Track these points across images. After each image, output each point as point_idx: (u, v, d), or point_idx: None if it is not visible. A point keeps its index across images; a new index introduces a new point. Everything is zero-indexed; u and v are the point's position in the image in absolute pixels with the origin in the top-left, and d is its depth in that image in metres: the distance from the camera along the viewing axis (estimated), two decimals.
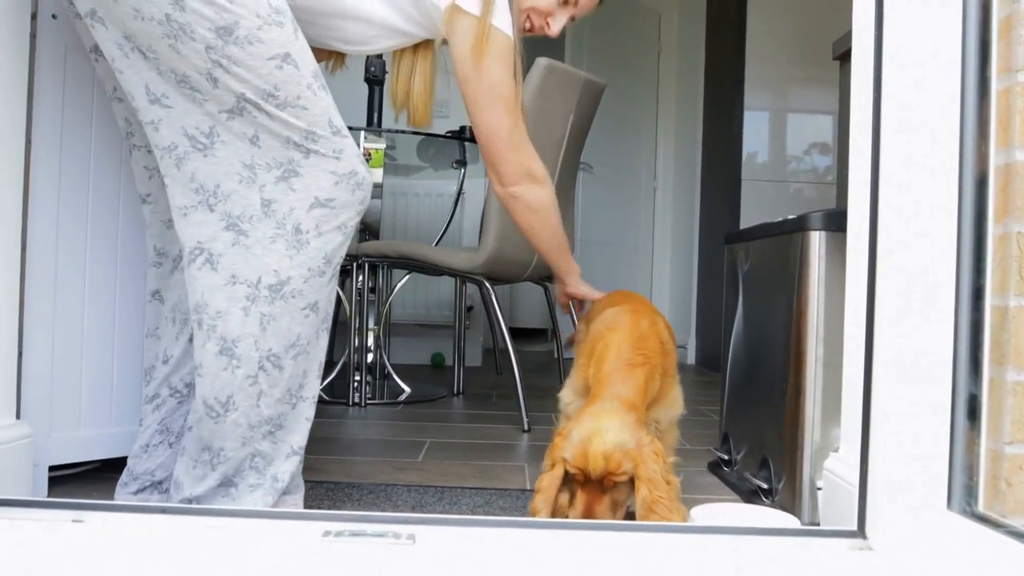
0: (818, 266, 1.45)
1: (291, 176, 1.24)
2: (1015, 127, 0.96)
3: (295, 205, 1.24)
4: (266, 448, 1.27)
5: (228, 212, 1.23)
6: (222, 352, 1.23)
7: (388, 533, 1.05)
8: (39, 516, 1.10)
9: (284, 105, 1.22)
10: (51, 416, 1.50)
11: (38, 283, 1.47)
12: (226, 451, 1.25)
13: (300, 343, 1.27)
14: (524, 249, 2.55)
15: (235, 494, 1.26)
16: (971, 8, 0.99)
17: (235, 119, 1.22)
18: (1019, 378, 0.96)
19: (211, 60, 1.18)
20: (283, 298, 1.24)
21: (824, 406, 1.43)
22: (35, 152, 1.45)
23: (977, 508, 0.97)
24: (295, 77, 1.22)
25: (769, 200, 3.98)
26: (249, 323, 1.23)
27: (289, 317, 1.25)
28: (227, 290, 1.23)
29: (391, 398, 2.94)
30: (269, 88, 1.20)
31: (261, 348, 1.24)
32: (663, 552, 1.05)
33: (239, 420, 1.24)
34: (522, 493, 1.64)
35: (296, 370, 1.28)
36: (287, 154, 1.24)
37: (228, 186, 1.23)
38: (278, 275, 1.23)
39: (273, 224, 1.23)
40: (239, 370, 1.23)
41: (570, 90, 2.51)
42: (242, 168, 1.23)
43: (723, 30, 4.33)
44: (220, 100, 1.21)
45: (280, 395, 1.27)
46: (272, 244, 1.23)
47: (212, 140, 1.22)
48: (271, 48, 1.20)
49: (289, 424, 1.29)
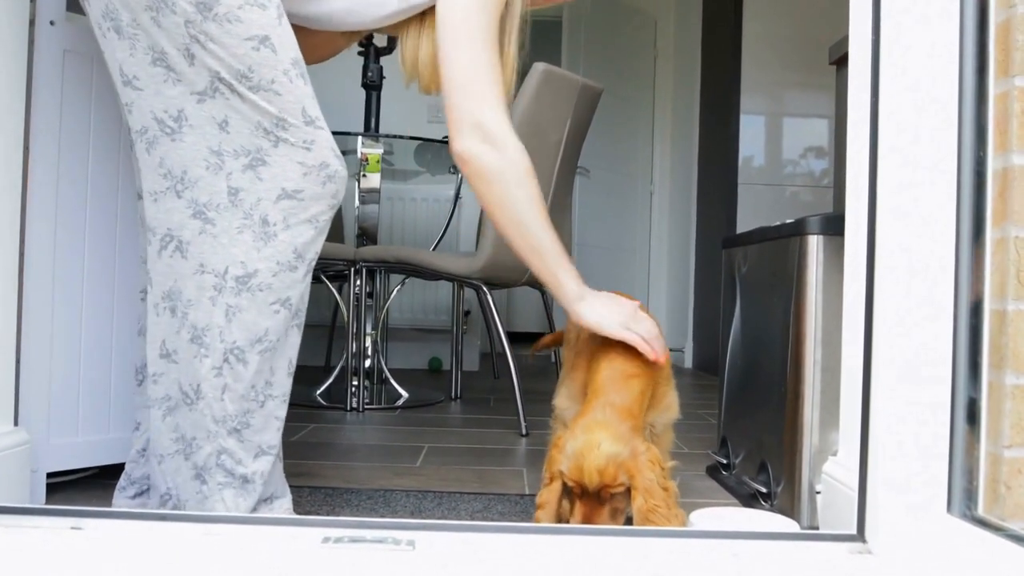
0: (816, 270, 1.45)
1: (258, 165, 1.22)
2: (1012, 131, 0.96)
3: (262, 195, 1.22)
4: (232, 446, 1.24)
5: (195, 199, 1.21)
6: (192, 340, 1.21)
7: (388, 539, 1.04)
8: (37, 523, 1.09)
9: (257, 88, 1.20)
10: (49, 422, 1.50)
11: (36, 290, 1.47)
12: (197, 440, 1.23)
13: (268, 338, 1.24)
14: None
15: (206, 491, 1.24)
16: (968, 13, 1.00)
17: (206, 101, 1.20)
18: (1018, 382, 0.97)
19: (189, 35, 1.17)
20: (250, 291, 1.22)
21: (823, 410, 1.43)
22: (33, 159, 1.45)
23: (977, 512, 0.97)
24: (271, 61, 1.21)
25: (765, 204, 4.00)
26: (216, 313, 1.21)
27: (256, 311, 1.22)
28: (196, 279, 1.21)
29: (389, 403, 2.93)
30: (243, 69, 1.19)
31: (226, 340, 1.21)
32: (662, 556, 1.04)
33: (204, 411, 1.22)
34: (521, 498, 1.64)
35: (262, 366, 1.24)
36: (255, 142, 1.22)
37: (195, 172, 1.21)
38: (245, 267, 1.21)
39: (240, 214, 1.21)
40: (207, 359, 1.21)
41: (567, 95, 2.51)
42: (209, 154, 1.21)
43: (719, 34, 4.35)
44: (193, 81, 1.20)
45: (244, 391, 1.23)
46: (239, 234, 1.21)
47: (180, 124, 1.21)
48: (249, 28, 1.19)
49: (256, 423, 1.26)
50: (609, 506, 1.23)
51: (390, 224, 4.11)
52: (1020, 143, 0.96)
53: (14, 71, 1.38)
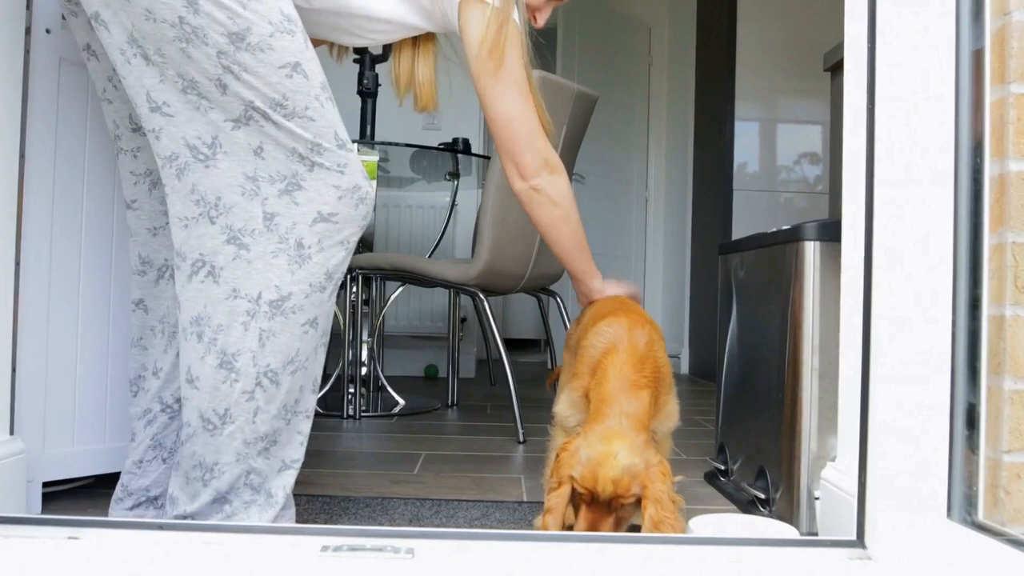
0: (813, 276, 1.46)
1: (295, 190, 1.23)
2: (1009, 138, 0.97)
3: (298, 219, 1.23)
4: (260, 465, 1.26)
5: (229, 225, 1.21)
6: (221, 365, 1.21)
7: (387, 547, 1.04)
8: (34, 533, 1.09)
9: (292, 115, 1.20)
10: (45, 432, 1.49)
11: (32, 299, 1.46)
12: (220, 465, 1.23)
13: (299, 359, 1.25)
14: (518, 261, 2.55)
15: (229, 511, 1.25)
16: (963, 20, 1.00)
17: (240, 129, 1.20)
18: (1016, 387, 0.97)
19: (222, 66, 1.17)
20: (283, 314, 1.23)
21: (820, 415, 1.44)
22: (29, 168, 1.45)
23: (977, 517, 0.97)
24: (304, 87, 1.21)
25: (760, 210, 4.00)
26: (248, 338, 1.21)
27: (289, 333, 1.23)
28: (228, 304, 1.21)
29: (385, 410, 2.93)
30: (278, 97, 1.19)
31: (259, 364, 1.22)
32: (663, 564, 1.04)
33: (235, 434, 1.22)
34: (519, 505, 1.63)
35: (293, 386, 1.26)
36: (291, 167, 1.22)
37: (229, 199, 1.21)
38: (279, 291, 1.22)
39: (275, 239, 1.22)
40: (237, 384, 1.22)
41: (562, 102, 2.52)
42: (244, 180, 1.21)
43: (713, 42, 4.36)
44: (227, 108, 1.19)
45: (276, 411, 1.25)
46: (274, 259, 1.22)
47: (214, 151, 1.21)
48: (282, 56, 1.19)
49: (283, 439, 1.28)
50: (616, 515, 1.24)
51: (386, 231, 4.11)
52: (1016, 149, 0.97)
53: (10, 79, 1.37)
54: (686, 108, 4.79)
